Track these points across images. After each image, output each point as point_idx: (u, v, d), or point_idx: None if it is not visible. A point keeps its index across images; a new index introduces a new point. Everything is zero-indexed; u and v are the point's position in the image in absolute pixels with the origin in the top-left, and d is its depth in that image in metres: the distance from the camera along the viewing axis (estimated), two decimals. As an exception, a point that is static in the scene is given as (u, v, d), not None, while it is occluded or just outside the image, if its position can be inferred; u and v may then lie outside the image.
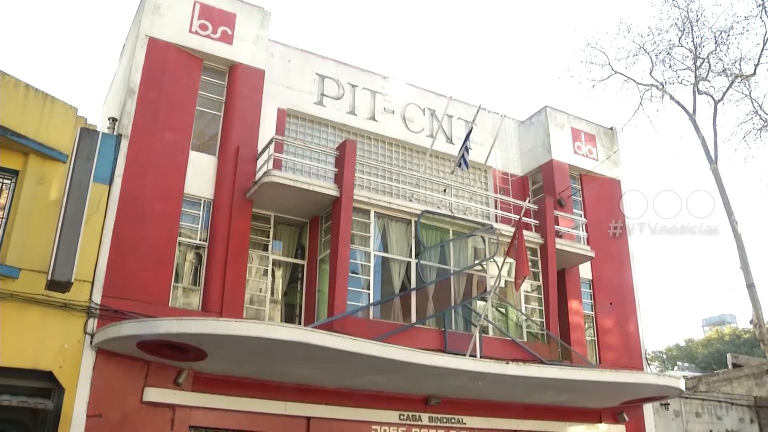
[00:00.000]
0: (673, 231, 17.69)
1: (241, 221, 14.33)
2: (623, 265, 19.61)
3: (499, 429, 15.92)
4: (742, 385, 25.36)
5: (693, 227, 17.64)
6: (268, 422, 13.46)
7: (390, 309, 15.22)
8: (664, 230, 17.83)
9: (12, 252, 12.01)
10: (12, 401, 11.54)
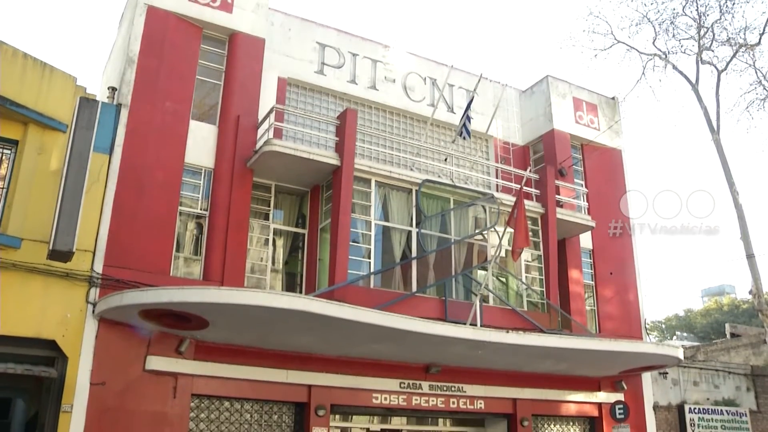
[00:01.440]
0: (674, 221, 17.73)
1: (242, 190, 14.32)
2: (624, 234, 19.61)
3: (499, 397, 16.08)
4: (740, 355, 25.51)
5: (694, 223, 17.70)
6: (270, 390, 13.59)
7: (390, 278, 15.27)
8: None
9: (13, 222, 12.03)
10: (16, 369, 11.65)
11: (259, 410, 13.80)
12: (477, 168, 18.37)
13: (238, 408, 13.60)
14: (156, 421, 12.37)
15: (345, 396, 14.30)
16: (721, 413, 19.84)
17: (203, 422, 13.20)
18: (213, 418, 13.33)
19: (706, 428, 19.36)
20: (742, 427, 20.07)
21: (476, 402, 15.80)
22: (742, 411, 20.31)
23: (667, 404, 19.17)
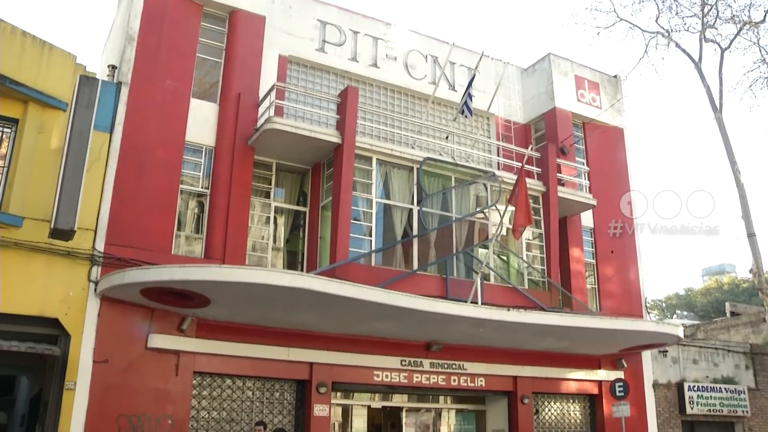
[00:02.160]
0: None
1: (243, 169, 14.29)
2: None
3: (500, 375, 16.17)
4: (740, 333, 25.64)
5: (694, 223, 17.73)
6: (272, 368, 13.67)
7: (392, 256, 15.28)
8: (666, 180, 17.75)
9: (15, 201, 12.02)
10: (20, 347, 11.71)
11: (260, 387, 13.89)
12: (478, 146, 18.32)
13: (240, 385, 13.69)
14: (158, 399, 12.46)
15: (346, 373, 14.38)
16: (719, 391, 19.96)
17: (205, 399, 13.29)
18: (215, 396, 13.42)
19: (704, 406, 19.48)
20: (741, 404, 20.20)
21: (477, 380, 15.89)
22: (740, 389, 20.42)
23: (666, 382, 19.28)
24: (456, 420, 17.36)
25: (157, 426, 12.39)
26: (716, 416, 19.89)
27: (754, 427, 20.51)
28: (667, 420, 18.89)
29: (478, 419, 17.31)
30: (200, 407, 13.21)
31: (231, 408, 13.52)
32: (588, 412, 17.90)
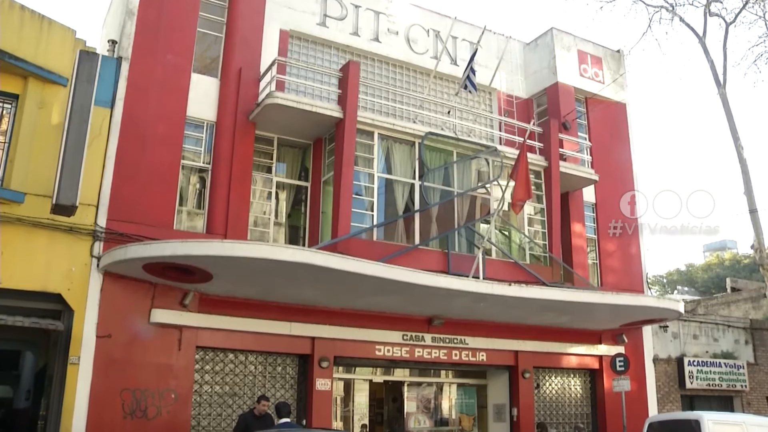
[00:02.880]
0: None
1: (244, 144, 14.26)
2: (627, 188, 19.57)
3: (501, 349, 16.26)
4: (740, 309, 25.74)
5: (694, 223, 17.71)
6: (274, 342, 13.74)
7: (393, 231, 15.29)
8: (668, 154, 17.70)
9: (16, 177, 12.01)
10: (24, 322, 11.77)
11: (263, 362, 13.97)
12: (480, 121, 18.25)
13: (242, 360, 13.76)
14: (162, 373, 12.55)
15: (348, 348, 14.46)
16: (719, 365, 20.07)
17: (208, 374, 13.37)
18: (218, 370, 13.50)
19: (704, 380, 19.60)
20: (740, 379, 20.32)
21: (478, 354, 15.98)
22: (739, 363, 20.53)
23: (666, 357, 19.38)
24: (457, 394, 17.51)
25: (161, 400, 12.49)
26: (715, 390, 20.01)
27: (752, 401, 20.66)
28: (667, 394, 19.01)
29: (480, 393, 17.46)
30: (203, 381, 13.30)
31: (234, 382, 13.60)
32: (588, 387, 18.01)
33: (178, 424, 12.53)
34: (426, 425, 16.62)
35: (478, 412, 17.42)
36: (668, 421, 14.56)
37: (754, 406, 20.54)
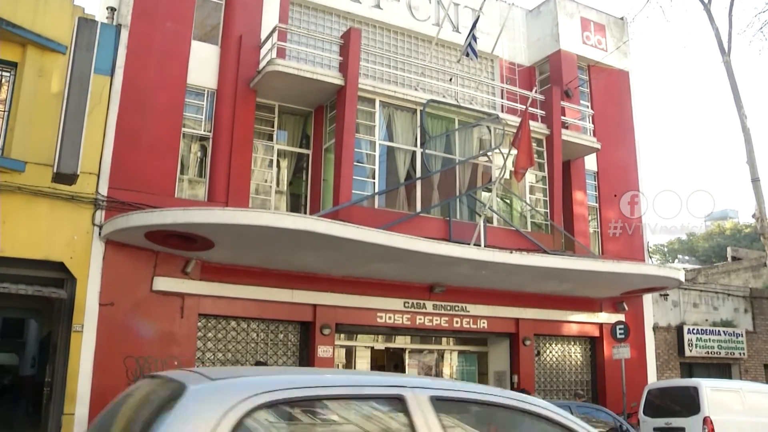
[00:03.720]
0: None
1: (245, 111, 14.21)
2: (629, 156, 19.55)
3: (502, 317, 16.35)
4: (740, 277, 25.82)
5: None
6: (276, 310, 13.82)
7: (395, 198, 15.30)
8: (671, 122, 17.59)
9: (17, 145, 12.00)
10: (27, 290, 11.85)
11: (265, 329, 14.07)
12: (482, 88, 18.14)
13: (244, 327, 13.86)
14: (164, 340, 12.65)
15: (350, 315, 14.54)
16: (718, 333, 20.20)
17: (210, 341, 13.47)
18: (220, 337, 13.60)
19: (703, 348, 19.73)
20: (738, 346, 20.47)
21: (479, 321, 16.07)
22: (738, 331, 20.67)
23: (666, 325, 19.50)
24: (458, 361, 17.64)
25: (164, 367, 12.55)
26: (714, 358, 20.17)
27: (749, 368, 20.82)
28: (666, 362, 19.15)
29: (480, 360, 17.58)
30: (205, 349, 13.40)
31: (236, 349, 13.70)
32: (589, 354, 18.14)
33: (181, 390, 12.62)
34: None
35: (479, 379, 17.52)
36: (667, 388, 14.70)
37: (751, 374, 20.71)
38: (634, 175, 19.59)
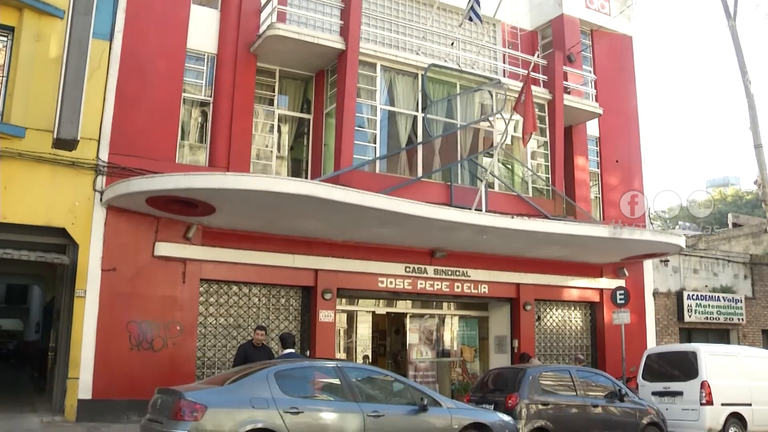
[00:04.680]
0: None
1: (246, 76, 14.11)
2: (631, 122, 19.46)
3: (503, 282, 16.41)
4: (740, 244, 25.83)
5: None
6: (277, 274, 13.87)
7: (396, 163, 15.27)
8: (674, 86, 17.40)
9: (16, 111, 11.93)
10: (30, 256, 11.92)
11: (266, 294, 14.13)
12: (484, 53, 17.98)
13: (246, 292, 13.92)
14: (167, 305, 12.72)
15: (351, 280, 14.60)
16: (717, 299, 20.31)
17: (212, 306, 13.55)
18: (222, 302, 13.67)
19: (702, 314, 19.85)
20: (737, 312, 20.59)
21: (480, 286, 16.14)
22: (737, 297, 20.77)
23: (666, 291, 19.58)
24: (459, 326, 17.76)
25: (166, 332, 12.68)
26: (713, 324, 20.29)
27: (748, 334, 20.97)
28: (666, 327, 19.28)
29: (481, 325, 17.70)
30: (207, 313, 13.48)
31: (238, 314, 13.79)
32: (589, 319, 18.24)
33: (183, 356, 12.76)
34: (428, 356, 16.88)
35: (480, 344, 17.70)
36: (666, 352, 14.79)
37: (749, 339, 20.86)
38: (636, 141, 19.52)
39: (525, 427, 10.40)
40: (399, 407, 8.87)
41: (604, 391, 11.75)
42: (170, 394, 7.98)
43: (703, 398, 12.88)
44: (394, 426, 8.58)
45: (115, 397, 12.00)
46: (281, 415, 7.78)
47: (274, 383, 8.06)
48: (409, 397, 9.09)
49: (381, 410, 8.55)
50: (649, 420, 11.77)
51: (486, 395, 11.37)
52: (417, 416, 8.76)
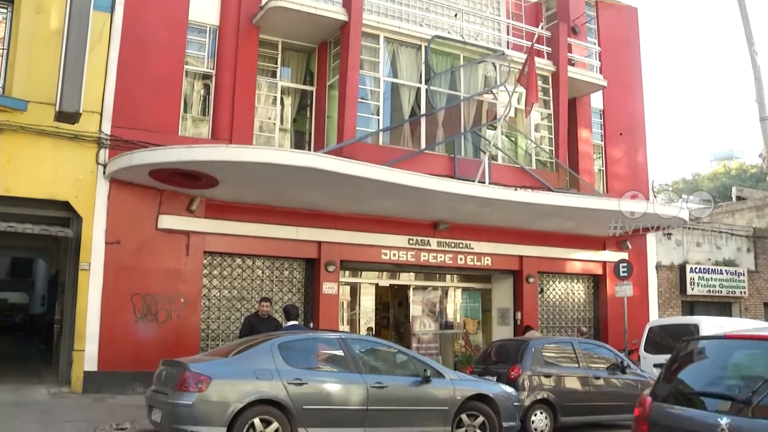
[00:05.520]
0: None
1: (248, 48, 14.02)
2: (635, 94, 19.34)
3: (506, 254, 16.43)
4: (744, 217, 25.77)
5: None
6: (280, 247, 13.91)
7: (399, 135, 15.23)
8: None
9: (18, 84, 11.89)
10: (34, 229, 11.96)
11: (270, 266, 14.18)
12: (488, 24, 17.81)
13: (249, 264, 13.97)
14: (171, 278, 12.78)
15: (354, 252, 14.63)
16: (720, 272, 20.33)
17: (216, 278, 13.60)
18: (225, 275, 13.72)
19: (704, 287, 19.88)
20: (739, 285, 20.61)
21: (483, 259, 16.17)
22: (740, 270, 20.78)
23: (669, 264, 19.59)
24: (462, 298, 17.80)
25: (170, 304, 12.75)
26: (715, 297, 20.34)
27: (749, 307, 21.00)
28: (668, 300, 19.32)
29: (484, 297, 17.74)
30: (211, 286, 13.54)
31: (241, 286, 13.85)
32: (592, 292, 18.29)
33: (188, 328, 12.84)
34: (431, 328, 16.94)
35: (483, 316, 17.74)
36: (668, 325, 14.84)
37: (751, 312, 20.90)
38: (640, 114, 19.41)
39: (527, 399, 10.49)
40: (402, 378, 8.93)
41: (606, 363, 11.80)
42: (175, 365, 8.06)
43: (705, 371, 12.91)
44: (397, 397, 8.64)
45: (121, 369, 12.11)
46: (285, 386, 7.85)
47: (278, 355, 8.12)
48: (413, 368, 9.14)
49: (384, 381, 8.61)
50: (650, 392, 11.82)
51: (489, 367, 11.45)
52: (420, 387, 8.82)
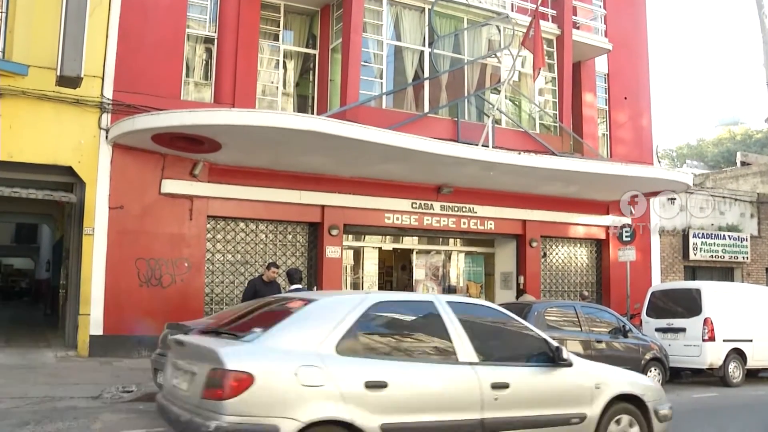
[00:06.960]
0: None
1: (250, 11, 13.89)
2: (640, 58, 19.17)
3: (509, 218, 16.45)
4: (748, 182, 25.68)
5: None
6: (284, 211, 13.93)
7: (403, 99, 15.16)
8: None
9: (18, 49, 11.77)
10: (38, 195, 11.97)
11: (273, 230, 14.21)
12: (492, -14, 17.63)
13: (253, 228, 13.99)
14: (174, 242, 12.83)
15: (358, 216, 14.64)
16: (723, 238, 20.35)
17: (220, 243, 13.64)
18: (229, 239, 13.76)
19: (707, 252, 19.92)
20: (742, 251, 20.64)
21: (486, 223, 16.18)
22: (743, 236, 20.80)
23: (672, 229, 19.59)
24: (465, 262, 17.84)
25: (175, 268, 12.81)
26: (718, 262, 20.38)
27: (752, 272, 21.07)
28: (671, 265, 19.37)
29: (487, 261, 17.80)
30: (215, 250, 13.58)
31: (245, 251, 13.89)
32: (594, 256, 18.33)
33: (192, 291, 12.92)
34: (434, 292, 17.02)
35: (486, 280, 17.82)
36: (670, 290, 14.88)
37: (753, 277, 20.97)
38: (645, 78, 19.28)
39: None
40: None
41: (608, 327, 11.85)
42: (179, 328, 8.13)
43: (706, 334, 13.01)
44: None
45: (126, 333, 12.21)
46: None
47: None
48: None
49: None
50: (651, 356, 11.90)
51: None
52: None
